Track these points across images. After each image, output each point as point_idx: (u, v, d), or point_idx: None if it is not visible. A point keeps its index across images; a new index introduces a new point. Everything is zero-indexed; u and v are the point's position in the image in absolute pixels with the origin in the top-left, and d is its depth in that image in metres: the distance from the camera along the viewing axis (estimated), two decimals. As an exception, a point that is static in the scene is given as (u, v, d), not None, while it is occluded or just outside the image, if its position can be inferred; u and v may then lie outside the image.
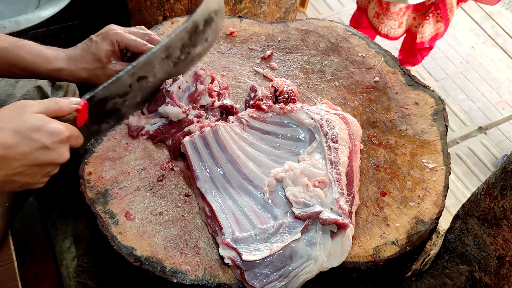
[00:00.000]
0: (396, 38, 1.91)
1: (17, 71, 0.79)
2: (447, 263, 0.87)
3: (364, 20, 1.92)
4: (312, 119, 0.84)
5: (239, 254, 0.69)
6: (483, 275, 0.81)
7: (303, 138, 0.84)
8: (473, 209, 0.83)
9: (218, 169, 0.80)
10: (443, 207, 0.82)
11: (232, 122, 0.84)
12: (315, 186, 0.75)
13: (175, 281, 0.70)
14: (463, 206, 0.87)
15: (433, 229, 0.80)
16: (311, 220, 0.72)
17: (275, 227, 0.72)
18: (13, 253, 0.93)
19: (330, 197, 0.74)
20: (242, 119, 0.85)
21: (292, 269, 0.69)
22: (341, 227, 0.71)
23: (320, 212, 0.71)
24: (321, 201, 0.74)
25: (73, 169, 0.81)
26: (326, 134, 0.81)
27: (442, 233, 1.13)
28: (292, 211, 0.73)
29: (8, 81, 0.96)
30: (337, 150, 0.79)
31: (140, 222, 0.76)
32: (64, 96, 1.05)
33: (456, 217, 0.88)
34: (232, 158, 0.80)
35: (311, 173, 0.77)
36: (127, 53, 0.86)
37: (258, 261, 0.69)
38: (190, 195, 0.80)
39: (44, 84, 0.99)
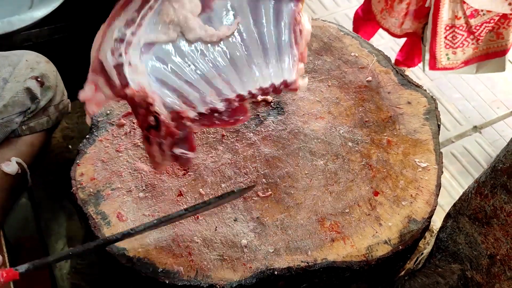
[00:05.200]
0: (397, 36, 1.93)
1: None
2: (439, 262, 0.87)
3: (370, 12, 1.96)
4: None
5: None
6: (474, 274, 0.81)
7: None
8: (464, 208, 0.83)
9: None
10: (436, 206, 0.82)
11: None
12: None
13: (167, 282, 0.70)
14: (454, 205, 0.87)
15: (426, 228, 0.81)
16: None
17: None
18: (6, 255, 0.93)
19: None
20: None
21: None
22: None
23: None
24: None
25: (66, 170, 0.81)
26: None
27: (436, 232, 1.13)
28: None
29: None
30: None
31: (132, 223, 0.76)
32: (53, 97, 1.04)
33: (448, 216, 0.89)
34: None
35: None
36: None
37: None
38: (182, 195, 0.80)
39: (34, 85, 0.98)
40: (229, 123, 0.69)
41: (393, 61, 1.67)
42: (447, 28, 1.75)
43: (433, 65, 1.87)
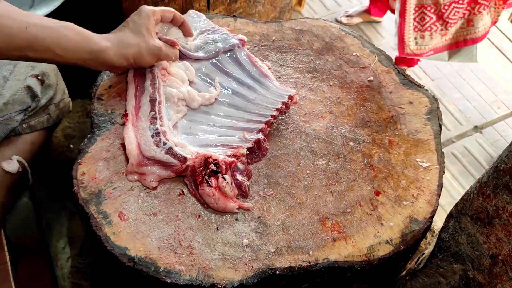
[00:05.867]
0: (391, 10, 1.96)
1: (59, 52, 0.77)
2: (441, 262, 0.87)
3: None
4: None
5: None
6: (476, 274, 0.81)
7: None
8: (466, 208, 0.83)
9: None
10: (437, 206, 0.82)
11: None
12: None
13: (168, 281, 0.70)
14: (456, 205, 0.87)
15: (427, 228, 0.81)
16: None
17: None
18: (7, 254, 0.93)
19: None
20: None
21: None
22: None
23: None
24: None
25: (67, 170, 0.81)
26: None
27: (437, 232, 1.14)
28: None
29: None
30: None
31: (133, 223, 0.76)
32: (53, 96, 1.04)
33: (450, 216, 0.89)
34: None
35: None
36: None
37: None
38: (184, 195, 0.80)
39: (34, 83, 0.98)
40: (264, 154, 0.87)
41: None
42: (416, 8, 1.76)
43: (402, 50, 1.88)
